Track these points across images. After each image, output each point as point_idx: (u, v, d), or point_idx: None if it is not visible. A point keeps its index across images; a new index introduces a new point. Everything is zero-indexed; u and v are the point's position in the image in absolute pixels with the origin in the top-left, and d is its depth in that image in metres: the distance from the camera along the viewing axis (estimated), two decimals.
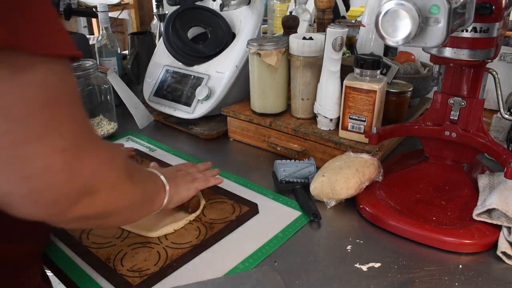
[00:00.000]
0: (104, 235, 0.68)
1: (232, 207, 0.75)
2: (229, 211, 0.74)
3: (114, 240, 0.67)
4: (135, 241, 0.67)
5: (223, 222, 0.71)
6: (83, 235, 0.68)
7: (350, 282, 0.58)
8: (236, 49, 1.02)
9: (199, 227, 0.70)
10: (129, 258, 0.63)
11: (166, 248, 0.65)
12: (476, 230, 0.64)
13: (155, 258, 0.63)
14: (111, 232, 0.69)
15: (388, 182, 0.76)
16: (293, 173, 0.79)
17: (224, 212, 0.73)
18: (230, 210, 0.74)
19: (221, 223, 0.71)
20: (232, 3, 0.98)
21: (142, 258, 0.63)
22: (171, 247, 0.66)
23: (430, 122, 0.77)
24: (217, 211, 0.74)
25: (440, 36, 0.48)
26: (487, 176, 0.73)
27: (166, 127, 1.09)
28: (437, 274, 0.60)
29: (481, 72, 0.69)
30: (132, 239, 0.67)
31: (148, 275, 0.60)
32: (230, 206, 0.75)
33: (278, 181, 0.80)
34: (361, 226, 0.70)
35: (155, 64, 1.12)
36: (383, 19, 0.49)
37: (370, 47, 1.11)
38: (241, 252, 0.64)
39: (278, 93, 0.94)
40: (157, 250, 0.65)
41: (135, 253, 0.64)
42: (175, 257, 0.63)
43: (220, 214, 0.73)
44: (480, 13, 0.59)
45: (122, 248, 0.65)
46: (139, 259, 0.63)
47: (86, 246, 0.66)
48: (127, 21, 3.12)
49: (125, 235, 0.68)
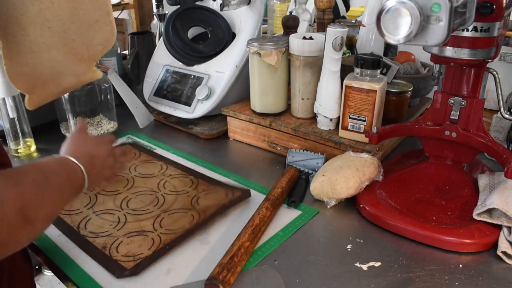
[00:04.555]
0: (101, 225, 0.70)
1: (225, 193, 0.78)
2: (222, 197, 0.76)
3: (110, 230, 0.69)
4: (131, 230, 0.69)
5: (215, 206, 0.74)
6: (81, 224, 0.70)
7: (350, 281, 0.58)
8: (236, 49, 1.01)
9: (193, 215, 0.72)
10: (125, 246, 0.65)
11: (160, 234, 0.68)
12: (476, 230, 0.64)
13: (149, 244, 0.66)
14: (108, 222, 0.71)
15: (388, 182, 0.76)
16: (301, 160, 0.80)
17: (217, 197, 0.76)
18: (223, 195, 0.77)
19: (214, 207, 0.73)
20: (232, 3, 0.98)
21: (137, 244, 0.65)
22: (165, 233, 0.68)
23: (430, 122, 0.77)
24: (211, 199, 0.77)
25: (441, 35, 0.48)
26: (487, 176, 0.73)
27: (166, 127, 1.09)
28: (437, 274, 0.60)
29: (482, 71, 0.69)
30: (128, 228, 0.69)
31: (141, 259, 0.62)
32: (223, 193, 0.78)
33: (286, 167, 0.83)
34: (361, 225, 0.70)
35: (155, 64, 1.12)
36: (385, 17, 0.49)
37: (370, 47, 1.11)
38: None
39: (278, 93, 0.94)
40: (152, 237, 0.67)
41: (130, 241, 0.66)
42: (168, 241, 0.66)
43: (213, 200, 0.76)
44: (481, 12, 0.59)
45: (118, 237, 0.67)
46: (133, 246, 0.65)
47: (83, 235, 0.68)
48: (127, 21, 3.11)
49: (121, 225, 0.70)
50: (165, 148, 0.97)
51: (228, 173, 0.85)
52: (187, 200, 0.76)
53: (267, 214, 0.68)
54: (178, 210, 0.73)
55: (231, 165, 0.90)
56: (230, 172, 0.86)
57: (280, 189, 0.74)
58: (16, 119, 0.92)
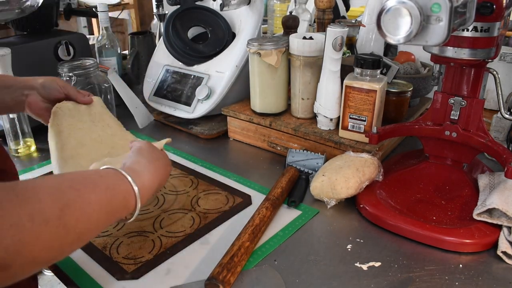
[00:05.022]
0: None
1: (226, 198, 0.77)
2: (223, 202, 0.76)
3: (110, 230, 0.69)
4: (131, 230, 0.69)
5: (216, 212, 0.73)
6: None
7: (350, 281, 0.58)
8: (236, 49, 1.01)
9: (193, 217, 0.72)
10: (125, 246, 0.65)
11: (160, 236, 0.67)
12: (476, 230, 0.64)
13: (149, 246, 0.65)
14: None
15: (388, 182, 0.76)
16: (301, 160, 0.80)
17: (218, 202, 0.76)
18: (224, 201, 0.76)
19: (215, 213, 0.73)
20: (232, 3, 0.98)
21: (137, 246, 0.65)
22: (166, 235, 0.68)
23: (430, 122, 0.77)
24: (211, 201, 0.76)
25: (442, 35, 0.48)
26: (487, 176, 0.73)
27: (166, 127, 1.09)
28: (437, 274, 0.59)
29: (482, 71, 0.69)
30: (128, 228, 0.69)
31: (142, 263, 0.62)
32: (224, 197, 0.77)
33: (286, 167, 0.83)
34: (361, 225, 0.70)
35: (155, 64, 1.12)
36: (385, 17, 0.49)
37: (370, 47, 1.10)
38: None
39: (278, 93, 0.94)
40: (152, 238, 0.67)
41: (130, 241, 0.66)
42: (169, 245, 0.65)
43: (214, 205, 0.75)
44: (481, 12, 0.59)
45: (118, 237, 0.67)
46: (134, 247, 0.65)
47: None
48: (127, 21, 3.12)
49: (121, 225, 0.70)
50: (165, 148, 0.97)
51: (228, 173, 0.85)
52: (187, 200, 0.76)
53: (267, 214, 0.68)
54: (178, 211, 0.73)
55: (231, 165, 0.90)
56: (230, 172, 0.86)
57: (280, 189, 0.74)
58: (16, 119, 0.92)
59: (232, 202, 0.76)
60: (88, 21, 3.21)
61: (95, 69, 0.97)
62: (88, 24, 3.22)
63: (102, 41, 1.18)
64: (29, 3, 1.05)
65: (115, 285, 0.58)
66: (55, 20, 1.19)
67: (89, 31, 3.20)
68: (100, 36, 1.18)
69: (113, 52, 1.19)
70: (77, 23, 3.16)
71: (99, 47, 1.18)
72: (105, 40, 1.18)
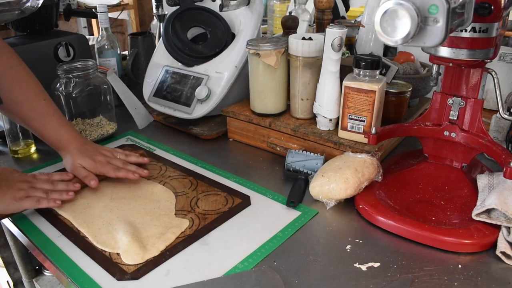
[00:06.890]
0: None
1: (225, 199, 0.77)
2: (222, 203, 0.76)
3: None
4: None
5: (215, 213, 0.73)
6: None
7: (349, 282, 0.58)
8: (235, 49, 1.02)
9: (192, 218, 0.72)
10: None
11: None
12: (475, 230, 0.64)
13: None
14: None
15: (387, 182, 0.76)
16: (300, 160, 0.80)
17: (217, 203, 0.76)
18: (223, 202, 0.76)
19: (214, 214, 0.73)
20: (231, 4, 0.98)
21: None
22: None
23: (429, 122, 0.77)
24: (210, 202, 0.76)
25: (439, 36, 0.48)
26: (486, 176, 0.73)
27: (165, 128, 1.09)
28: (436, 274, 0.60)
29: (481, 72, 0.70)
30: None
31: (142, 263, 0.62)
32: (223, 198, 0.77)
33: (285, 168, 0.83)
34: (360, 226, 0.70)
35: (154, 64, 1.12)
36: (382, 18, 0.49)
37: (370, 47, 1.11)
38: (240, 252, 0.64)
39: (278, 93, 0.94)
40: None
41: None
42: (169, 247, 0.65)
43: (213, 206, 0.75)
44: (479, 13, 0.59)
45: None
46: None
47: (83, 236, 0.68)
48: (127, 21, 3.12)
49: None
50: (164, 149, 0.97)
51: (228, 174, 0.86)
52: (186, 202, 0.76)
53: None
54: (177, 212, 0.74)
55: (230, 165, 0.90)
56: (230, 172, 0.86)
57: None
58: None
59: (231, 203, 0.76)
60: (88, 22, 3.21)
61: (95, 71, 0.97)
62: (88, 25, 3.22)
63: (102, 41, 1.18)
64: (29, 4, 1.05)
65: (115, 285, 0.58)
66: (55, 21, 1.20)
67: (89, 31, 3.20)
68: (100, 36, 1.19)
69: (113, 53, 1.19)
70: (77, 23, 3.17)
71: (98, 47, 1.18)
72: (104, 41, 1.18)
